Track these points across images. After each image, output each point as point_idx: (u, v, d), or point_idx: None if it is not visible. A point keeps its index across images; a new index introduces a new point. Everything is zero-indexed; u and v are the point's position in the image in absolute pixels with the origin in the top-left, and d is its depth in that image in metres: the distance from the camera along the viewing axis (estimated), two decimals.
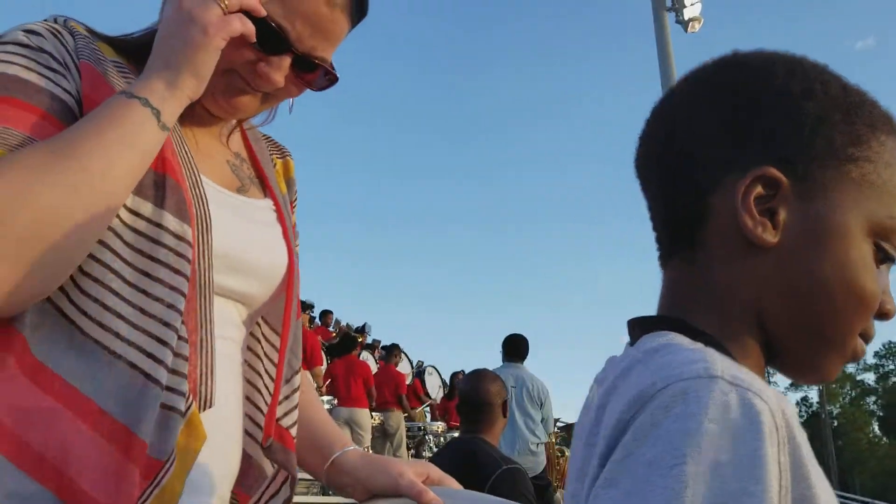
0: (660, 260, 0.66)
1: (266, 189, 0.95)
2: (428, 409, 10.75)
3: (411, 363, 11.48)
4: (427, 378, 11.08)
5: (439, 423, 9.55)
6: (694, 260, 0.62)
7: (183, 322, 0.74)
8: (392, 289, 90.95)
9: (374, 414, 8.19)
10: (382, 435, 8.38)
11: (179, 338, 0.73)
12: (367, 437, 7.75)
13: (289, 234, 0.93)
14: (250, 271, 0.86)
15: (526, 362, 5.44)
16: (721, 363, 0.50)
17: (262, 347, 0.92)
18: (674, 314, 0.61)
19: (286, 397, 0.93)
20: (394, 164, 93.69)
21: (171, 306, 0.73)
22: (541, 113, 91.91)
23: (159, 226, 0.73)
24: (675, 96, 0.66)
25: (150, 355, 0.71)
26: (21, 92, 0.71)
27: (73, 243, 0.67)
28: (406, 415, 8.78)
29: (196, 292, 0.76)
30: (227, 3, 0.74)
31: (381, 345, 11.53)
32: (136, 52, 0.84)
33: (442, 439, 8.80)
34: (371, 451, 7.94)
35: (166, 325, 0.72)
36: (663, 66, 11.21)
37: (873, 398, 56.31)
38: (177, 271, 0.74)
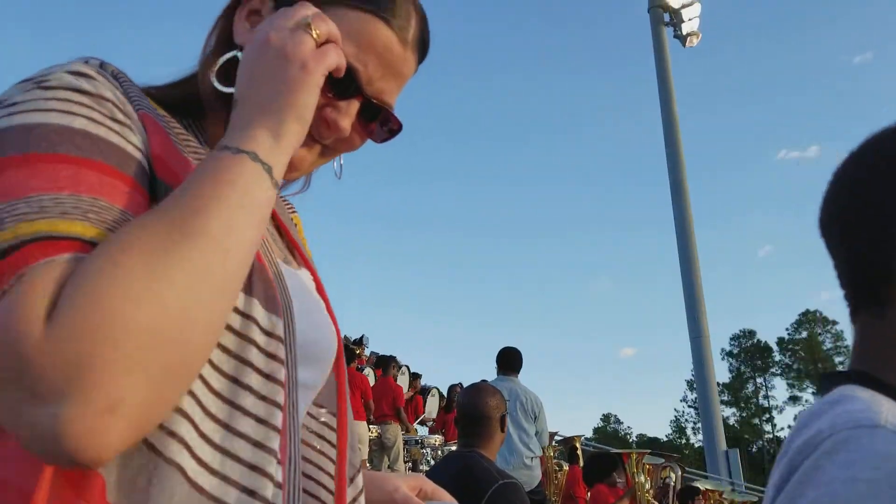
0: (850, 316, 0.68)
1: (299, 257, 0.85)
2: (424, 426, 10.73)
3: (410, 374, 11.46)
4: (429, 399, 11.07)
5: (437, 436, 9.50)
6: (882, 315, 0.64)
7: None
8: (388, 298, 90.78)
9: (371, 427, 8.16)
10: (380, 448, 8.35)
11: (277, 461, 0.61)
12: (365, 450, 7.72)
13: (332, 308, 0.83)
14: (317, 358, 0.76)
15: (521, 375, 5.43)
16: (888, 413, 0.52)
17: (316, 443, 0.80)
18: (864, 368, 0.63)
19: (353, 500, 0.82)
20: (393, 168, 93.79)
21: (263, 422, 0.61)
22: (540, 124, 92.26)
23: (248, 317, 0.62)
24: (856, 161, 0.69)
25: (245, 489, 0.58)
26: (97, 152, 0.59)
27: (205, 340, 0.55)
28: (404, 428, 8.75)
29: (287, 399, 0.65)
30: (318, 32, 0.65)
31: (379, 356, 11.51)
32: (175, 105, 0.75)
33: (439, 452, 8.75)
34: (368, 464, 7.92)
35: (261, 447, 0.60)
36: (661, 80, 11.28)
37: None
38: (268, 376, 0.62)
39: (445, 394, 10.90)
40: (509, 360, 5.39)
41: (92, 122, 0.60)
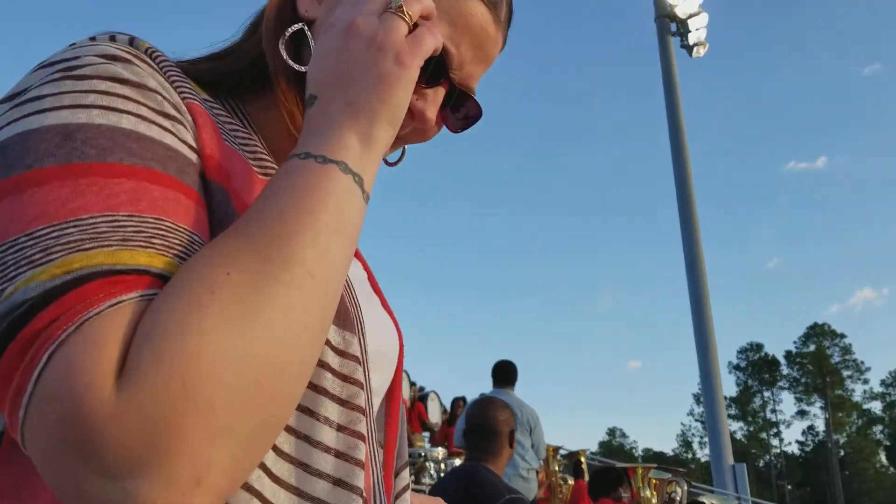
0: None
1: None
2: (427, 434, 10.68)
3: (411, 384, 11.43)
4: (429, 404, 11.03)
5: (440, 448, 9.43)
6: None
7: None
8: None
9: None
10: None
11: (362, 499, 0.55)
12: None
13: (389, 304, 0.76)
14: (385, 362, 0.69)
15: (517, 388, 5.46)
16: None
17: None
18: None
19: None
20: (399, 181, 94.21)
21: (344, 456, 0.54)
22: (546, 136, 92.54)
23: None
24: None
25: None
26: (152, 158, 0.49)
27: (299, 387, 0.47)
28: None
29: (368, 426, 0.58)
30: (410, 13, 0.56)
31: None
32: (213, 82, 0.66)
33: (443, 465, 8.68)
34: None
35: (343, 485, 0.54)
36: (668, 90, 11.26)
37: (880, 427, 55.73)
38: (346, 403, 0.56)
39: (448, 407, 10.84)
40: (505, 373, 5.43)
41: (142, 121, 0.50)
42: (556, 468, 6.61)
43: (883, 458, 55.19)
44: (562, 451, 8.86)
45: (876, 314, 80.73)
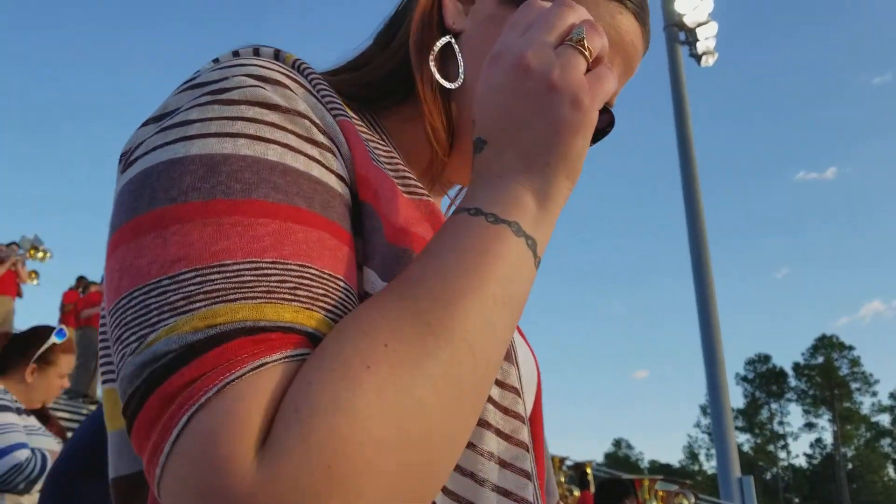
0: None
1: None
2: None
3: None
4: None
5: None
6: None
7: None
8: None
9: None
10: None
11: None
12: None
13: (522, 331, 0.71)
14: (528, 393, 0.65)
15: None
16: None
17: None
18: None
19: None
20: None
21: (512, 496, 0.51)
22: None
23: None
24: None
25: None
26: (298, 193, 0.45)
27: (449, 467, 0.43)
28: None
29: (531, 464, 0.55)
30: (591, 47, 0.50)
31: None
32: (354, 95, 0.64)
33: None
34: None
35: None
36: (676, 99, 11.24)
37: (888, 440, 55.29)
38: (509, 438, 0.52)
39: None
40: None
41: (289, 151, 0.46)
42: (562, 479, 6.57)
43: (891, 471, 54.78)
44: (567, 463, 8.81)
45: (885, 327, 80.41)
